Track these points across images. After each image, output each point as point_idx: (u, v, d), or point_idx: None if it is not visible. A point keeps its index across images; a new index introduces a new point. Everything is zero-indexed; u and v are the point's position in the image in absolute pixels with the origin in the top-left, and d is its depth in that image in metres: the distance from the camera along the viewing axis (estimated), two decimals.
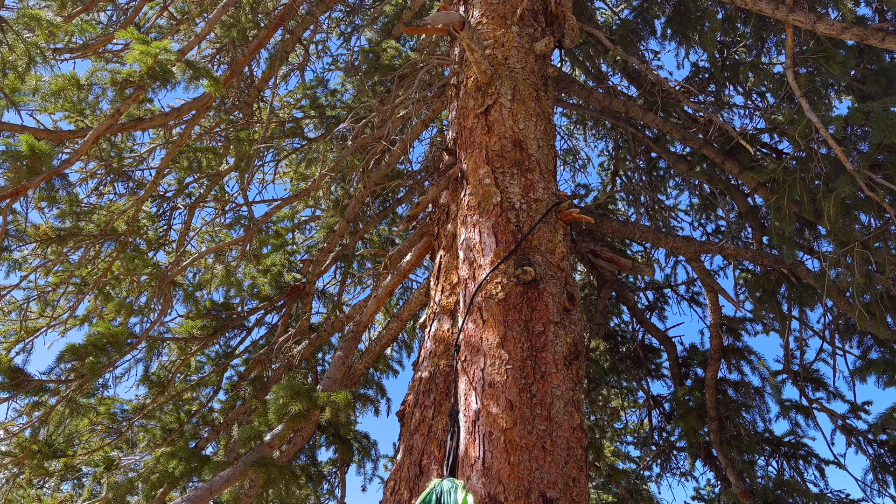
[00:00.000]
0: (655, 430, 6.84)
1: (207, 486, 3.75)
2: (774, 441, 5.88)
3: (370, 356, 5.67)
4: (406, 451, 4.35)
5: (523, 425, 3.43)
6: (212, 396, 6.16)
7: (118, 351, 4.73)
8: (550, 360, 3.63)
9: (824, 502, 5.19)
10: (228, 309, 5.96)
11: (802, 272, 4.68)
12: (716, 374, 5.37)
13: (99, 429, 5.68)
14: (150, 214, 5.99)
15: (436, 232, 5.38)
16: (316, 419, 5.11)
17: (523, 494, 3.26)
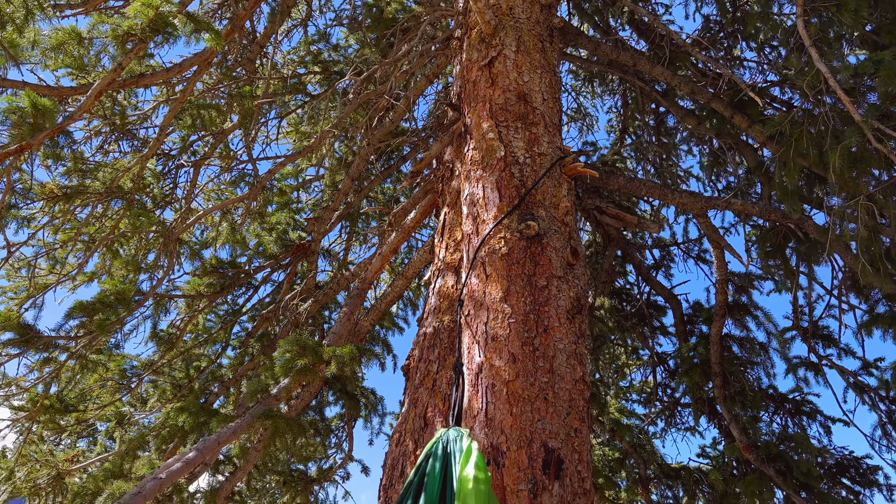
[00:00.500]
0: (660, 387, 6.89)
1: (215, 438, 3.82)
2: (779, 398, 5.90)
3: (375, 313, 5.71)
4: (411, 405, 4.41)
5: (526, 378, 3.46)
6: (220, 353, 6.25)
7: (126, 308, 4.77)
8: (553, 314, 3.64)
9: (828, 456, 5.23)
10: (235, 267, 5.99)
11: (810, 227, 4.64)
12: (721, 330, 5.37)
13: (109, 385, 5.77)
14: (155, 172, 5.98)
15: (440, 189, 5.36)
16: (322, 374, 5.18)
17: (525, 444, 3.30)
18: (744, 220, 6.66)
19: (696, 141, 7.61)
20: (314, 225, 6.31)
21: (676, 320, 6.29)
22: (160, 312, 5.61)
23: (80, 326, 4.60)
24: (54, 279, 5.47)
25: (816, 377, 5.99)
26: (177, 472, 3.56)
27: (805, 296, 6.04)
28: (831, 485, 5.41)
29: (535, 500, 3.16)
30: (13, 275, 5.56)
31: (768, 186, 5.60)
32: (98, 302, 4.60)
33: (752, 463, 5.27)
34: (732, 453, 5.37)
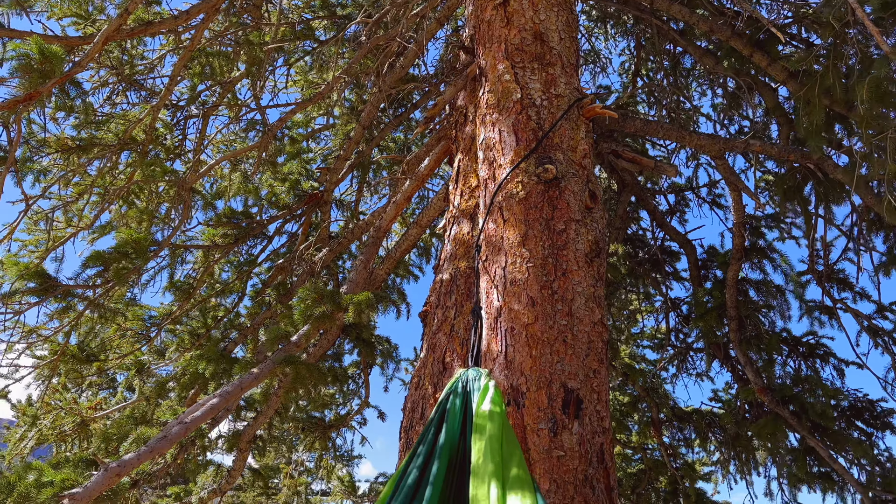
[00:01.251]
0: (672, 332, 6.93)
1: (238, 383, 3.88)
2: (793, 341, 5.93)
3: (391, 262, 5.72)
4: (429, 350, 4.46)
5: (545, 320, 3.47)
6: (237, 303, 6.30)
7: (142, 257, 4.80)
8: (572, 257, 3.63)
9: (841, 398, 5.28)
10: (248, 217, 5.99)
11: (829, 167, 4.57)
12: (737, 273, 5.35)
13: (128, 334, 5.85)
14: (166, 123, 5.93)
15: (454, 135, 5.29)
16: (340, 321, 5.22)
17: (545, 385, 3.34)
18: (757, 165, 6.57)
19: (711, 84, 7.46)
20: (326, 175, 6.27)
21: (690, 265, 6.28)
22: (176, 263, 5.64)
23: (98, 275, 4.64)
24: (72, 231, 5.50)
25: (831, 321, 6.00)
26: (201, 416, 3.63)
27: (820, 239, 6.00)
28: (845, 427, 5.48)
29: (555, 439, 3.21)
30: (32, 228, 5.59)
31: (787, 127, 5.50)
32: (115, 251, 4.63)
33: (767, 405, 5.32)
34: (746, 396, 5.42)
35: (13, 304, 4.79)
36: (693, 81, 7.78)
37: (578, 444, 3.23)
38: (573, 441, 3.22)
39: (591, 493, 3.14)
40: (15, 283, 4.67)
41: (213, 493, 5.89)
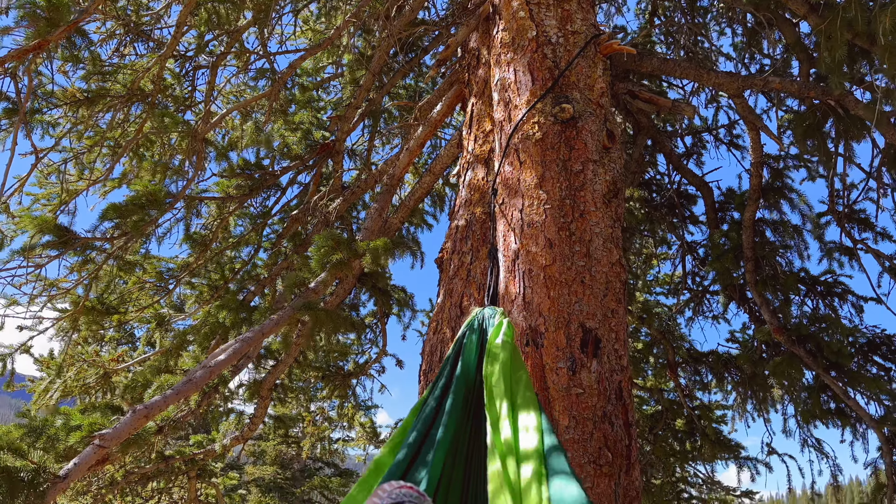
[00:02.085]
0: (689, 276, 6.91)
1: (259, 329, 3.93)
2: (810, 280, 5.89)
3: (405, 210, 5.71)
4: (446, 295, 4.48)
5: (562, 262, 3.46)
6: (253, 255, 6.34)
7: (158, 209, 4.81)
8: (589, 198, 3.59)
9: (859, 335, 5.26)
10: (261, 168, 5.97)
11: (851, 103, 4.45)
12: (754, 214, 5.29)
13: (147, 287, 5.91)
14: (175, 74, 5.86)
15: (466, 79, 5.19)
16: (356, 269, 5.24)
17: (563, 325, 3.35)
18: (777, 104, 6.43)
19: (730, 21, 7.25)
20: (337, 123, 6.21)
21: (707, 208, 6.21)
22: (191, 215, 5.65)
23: (115, 228, 4.66)
24: (84, 185, 5.50)
25: (851, 262, 5.94)
26: (224, 361, 3.69)
27: (840, 179, 5.90)
28: (862, 363, 5.48)
29: (574, 377, 3.24)
30: (44, 182, 5.60)
31: (807, 64, 5.35)
32: (131, 203, 4.64)
33: (783, 344, 5.33)
34: (762, 336, 5.42)
35: (33, 257, 4.83)
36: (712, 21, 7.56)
37: (597, 382, 3.26)
38: (592, 379, 3.25)
39: (609, 428, 3.18)
40: (33, 236, 4.70)
41: (236, 440, 6.04)
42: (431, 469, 1.78)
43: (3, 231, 5.28)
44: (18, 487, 2.92)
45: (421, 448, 1.91)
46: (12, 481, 2.88)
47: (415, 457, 1.86)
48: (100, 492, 5.74)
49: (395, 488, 1.50)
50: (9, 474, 2.88)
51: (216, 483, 6.55)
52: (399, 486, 1.51)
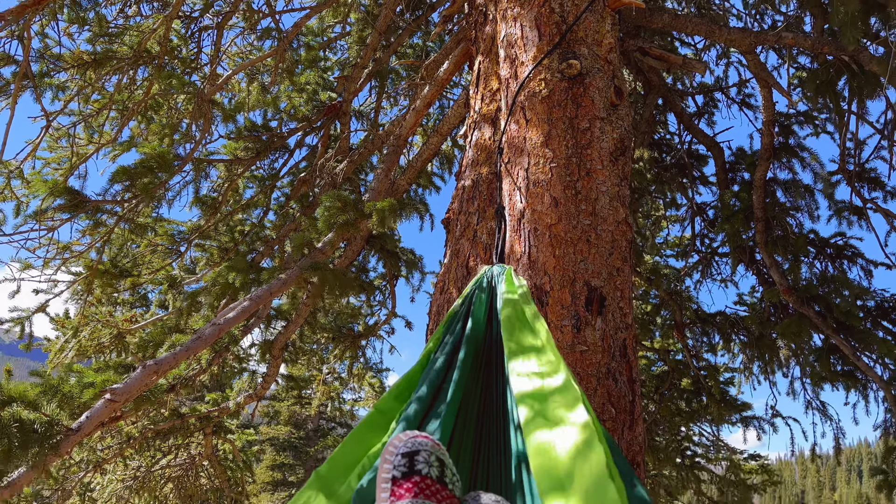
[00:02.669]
0: (698, 238, 6.88)
1: (267, 288, 3.97)
2: (820, 242, 5.85)
3: (412, 172, 5.69)
4: (453, 255, 4.49)
5: (568, 221, 3.46)
6: (262, 217, 6.37)
7: (167, 171, 4.83)
8: (596, 156, 3.57)
9: (868, 298, 5.25)
10: (268, 130, 5.96)
11: (865, 59, 4.36)
12: (765, 174, 5.23)
13: (159, 249, 5.97)
14: (181, 35, 5.82)
15: (473, 36, 5.12)
16: (364, 231, 5.26)
17: (568, 283, 3.37)
18: (790, 61, 6.30)
19: None
20: (344, 84, 6.16)
21: (718, 168, 6.15)
22: (200, 178, 5.67)
23: (125, 190, 4.69)
24: (94, 148, 5.53)
25: (860, 221, 5.89)
26: (233, 319, 3.74)
27: (852, 138, 5.81)
28: (871, 326, 5.47)
29: (579, 335, 3.27)
30: (54, 146, 5.62)
31: (821, 20, 5.23)
32: (140, 166, 4.66)
33: (792, 305, 5.32)
34: (771, 297, 5.41)
35: (46, 220, 4.89)
36: None
37: (601, 339, 3.29)
38: (596, 336, 3.28)
39: (613, 384, 3.21)
40: (45, 200, 4.74)
41: (250, 398, 6.16)
42: (444, 422, 1.81)
43: (17, 195, 5.33)
44: (32, 439, 3.00)
45: (433, 403, 1.93)
46: (25, 433, 2.96)
47: (427, 411, 1.89)
48: (119, 446, 5.90)
49: (410, 437, 1.52)
50: (22, 426, 2.95)
51: (232, 439, 6.71)
52: (415, 435, 1.53)
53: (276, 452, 23.61)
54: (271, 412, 23.81)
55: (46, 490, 7.11)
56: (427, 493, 1.44)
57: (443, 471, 1.50)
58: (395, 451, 1.49)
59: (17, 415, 2.99)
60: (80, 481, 6.87)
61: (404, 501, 1.41)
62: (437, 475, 1.48)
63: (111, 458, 6.50)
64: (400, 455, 1.48)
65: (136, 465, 7.40)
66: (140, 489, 7.55)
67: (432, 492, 1.45)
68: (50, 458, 3.11)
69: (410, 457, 1.48)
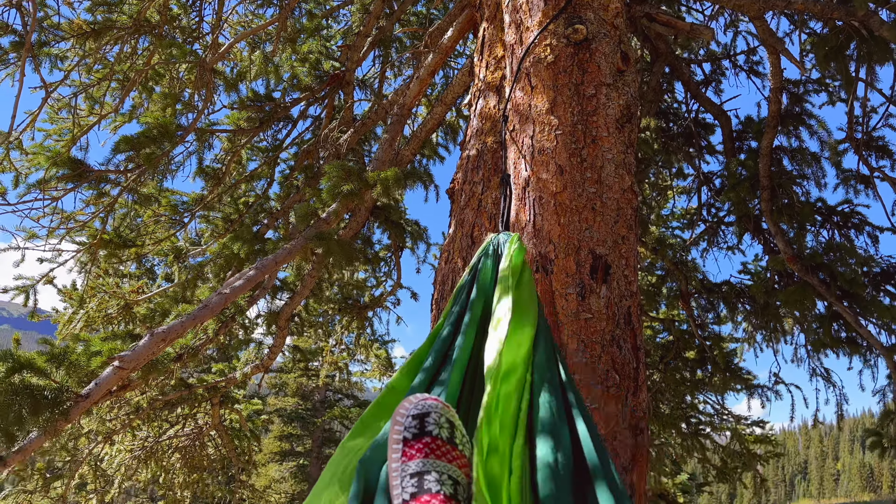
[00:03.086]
0: (704, 207, 6.85)
1: (272, 258, 3.97)
2: (826, 210, 5.82)
3: (416, 142, 5.65)
4: (458, 225, 4.48)
5: (573, 189, 3.44)
6: (266, 188, 6.35)
7: (170, 141, 4.80)
8: (602, 123, 3.53)
9: (873, 265, 5.23)
10: (271, 101, 5.91)
11: (875, 24, 4.28)
12: (772, 142, 5.18)
13: (163, 220, 5.98)
14: (181, 4, 5.75)
15: (477, 2, 5.05)
16: (369, 202, 5.25)
17: (573, 252, 3.36)
18: (800, 26, 6.20)
19: None
20: (347, 53, 6.10)
21: (725, 137, 6.10)
22: (203, 148, 5.65)
23: (129, 160, 4.68)
24: (95, 119, 5.50)
25: (867, 189, 5.85)
26: (239, 288, 3.75)
27: (861, 105, 5.74)
28: (875, 293, 5.46)
29: (583, 303, 3.27)
30: (55, 117, 5.60)
31: None
32: (143, 136, 4.63)
33: (796, 273, 5.31)
34: (775, 265, 5.40)
35: (49, 190, 4.88)
36: None
37: (606, 307, 3.29)
38: (601, 304, 3.28)
39: (617, 351, 3.22)
40: (48, 170, 4.74)
41: (256, 368, 6.21)
42: (451, 385, 1.82)
43: (15, 167, 5.32)
44: (42, 405, 3.03)
45: (439, 370, 1.95)
46: (36, 399, 2.98)
47: (433, 379, 1.90)
48: (127, 417, 5.97)
49: (420, 400, 1.53)
50: (32, 392, 2.98)
51: (239, 409, 6.78)
52: (424, 397, 1.54)
53: (283, 423, 23.90)
54: (278, 384, 24.07)
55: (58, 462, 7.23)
56: (438, 454, 1.45)
57: (453, 432, 1.51)
58: (406, 414, 1.51)
59: (26, 381, 3.02)
60: (91, 452, 6.98)
61: (416, 461, 1.43)
62: (447, 436, 1.49)
63: (119, 429, 6.58)
64: (410, 417, 1.50)
65: (144, 436, 7.50)
66: (148, 459, 7.66)
67: (443, 452, 1.46)
68: (60, 423, 3.14)
69: (421, 418, 1.49)
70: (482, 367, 2.11)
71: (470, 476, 1.50)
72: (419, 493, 1.38)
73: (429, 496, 1.37)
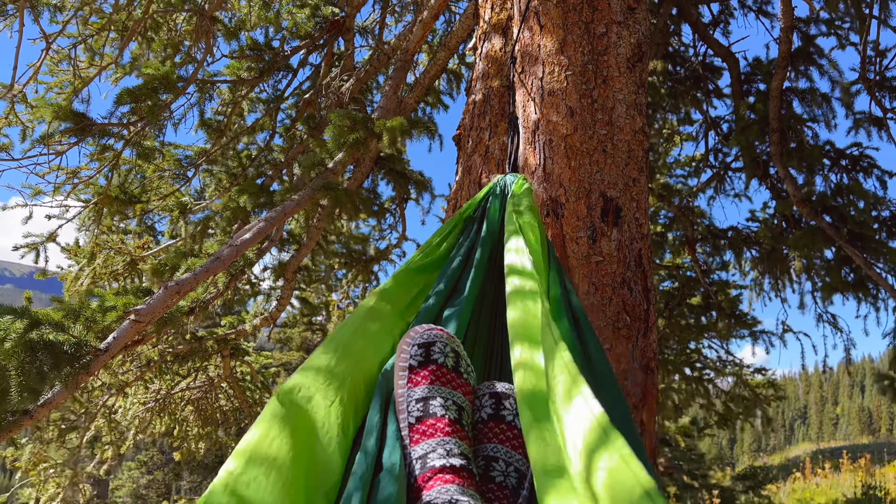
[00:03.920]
0: (711, 153, 6.78)
1: (280, 209, 3.96)
2: (836, 154, 5.77)
3: (420, 89, 5.57)
4: (465, 172, 4.44)
5: (584, 130, 3.40)
6: (268, 140, 6.29)
7: (171, 92, 4.74)
8: (613, 63, 3.47)
9: (882, 208, 5.21)
10: (271, 49, 5.80)
11: None
12: (781, 83, 5.10)
13: (167, 175, 5.94)
14: None
15: None
16: (374, 151, 5.20)
17: (584, 195, 3.34)
18: None
19: None
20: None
21: (733, 80, 6.00)
22: (205, 99, 5.58)
23: (131, 113, 4.62)
24: (95, 71, 5.41)
25: (879, 132, 5.78)
26: (249, 240, 3.75)
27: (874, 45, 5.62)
28: (885, 237, 5.46)
29: (594, 246, 3.27)
30: (55, 69, 5.51)
31: None
32: (144, 87, 4.57)
33: (804, 217, 5.30)
34: (784, 209, 5.38)
35: (53, 145, 4.84)
36: None
37: (617, 250, 3.28)
38: (612, 247, 3.27)
39: (628, 293, 3.23)
40: (51, 123, 4.69)
41: (265, 320, 6.26)
42: (460, 317, 1.85)
43: (21, 121, 5.26)
44: (63, 359, 3.06)
45: (450, 297, 1.98)
46: (56, 354, 3.01)
47: (444, 304, 1.93)
48: (139, 370, 6.05)
49: (426, 329, 1.57)
50: (52, 347, 3.01)
51: (250, 361, 6.87)
52: (430, 327, 1.58)
53: (289, 377, 24.27)
54: (283, 338, 24.35)
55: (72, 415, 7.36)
56: (443, 381, 1.50)
57: (458, 361, 1.56)
58: (412, 343, 1.55)
59: (45, 337, 3.04)
60: (104, 404, 7.10)
61: (421, 387, 1.48)
62: (452, 365, 1.53)
63: (132, 381, 6.67)
64: (416, 346, 1.54)
65: (157, 389, 7.62)
66: (161, 411, 7.79)
67: (448, 379, 1.51)
68: (81, 377, 3.18)
69: (427, 347, 1.53)
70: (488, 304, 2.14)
71: (473, 403, 1.54)
72: (425, 416, 1.44)
73: (434, 419, 1.42)
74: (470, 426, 1.49)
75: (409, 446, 1.40)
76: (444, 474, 1.32)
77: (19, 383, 2.66)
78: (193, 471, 23.22)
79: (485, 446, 1.48)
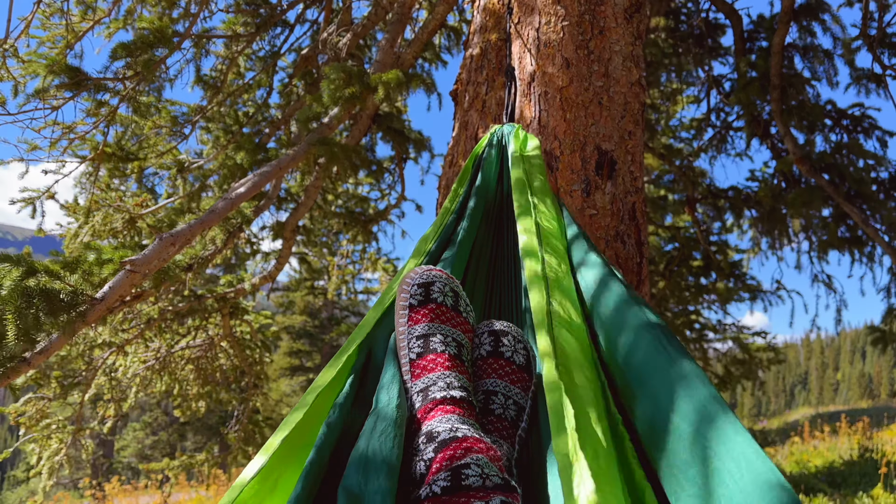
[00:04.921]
0: (713, 112, 6.72)
1: (276, 163, 3.95)
2: (837, 113, 5.71)
3: (418, 44, 5.49)
4: (462, 127, 4.42)
5: (580, 83, 3.37)
6: (265, 98, 6.25)
7: (166, 46, 4.68)
8: (610, 13, 3.42)
9: (882, 166, 5.18)
10: (267, 3, 5.72)
11: None
12: (783, 38, 5.01)
13: (164, 132, 5.91)
14: None
15: None
16: (371, 106, 5.16)
17: (579, 148, 3.33)
18: None
19: None
20: None
21: (736, 37, 5.91)
22: (201, 55, 5.51)
23: (126, 68, 4.57)
24: (88, 25, 5.34)
25: (878, 89, 5.72)
26: (244, 194, 3.75)
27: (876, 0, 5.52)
28: (884, 198, 5.44)
29: (588, 199, 3.27)
30: (47, 23, 5.44)
31: None
32: (139, 41, 4.52)
33: (804, 175, 5.27)
34: (784, 166, 5.36)
35: (49, 100, 4.81)
36: None
37: (611, 203, 3.29)
38: (606, 200, 3.27)
39: (621, 246, 3.25)
40: (45, 78, 4.65)
41: (264, 279, 6.29)
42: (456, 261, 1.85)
43: (13, 76, 5.21)
44: (59, 307, 3.08)
45: (445, 247, 1.98)
46: (52, 302, 3.03)
47: (439, 256, 1.93)
48: (139, 328, 6.10)
49: (425, 270, 1.59)
50: (49, 295, 3.03)
51: (249, 320, 6.92)
52: (429, 268, 1.60)
53: (292, 340, 24.50)
54: (286, 302, 24.53)
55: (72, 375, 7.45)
56: (443, 319, 1.53)
57: (457, 300, 1.58)
58: (411, 283, 1.57)
59: (42, 284, 3.06)
60: (104, 362, 7.18)
61: (421, 325, 1.51)
62: (451, 304, 1.56)
63: (132, 338, 6.74)
64: (416, 285, 1.56)
65: (157, 347, 7.70)
66: (161, 370, 7.88)
67: (448, 317, 1.54)
68: (78, 325, 3.21)
69: (426, 287, 1.55)
70: (486, 251, 2.14)
71: (472, 341, 1.57)
72: (425, 352, 1.47)
73: (434, 355, 1.46)
74: (470, 363, 1.53)
75: (410, 381, 1.44)
76: (445, 405, 1.36)
77: (16, 329, 2.69)
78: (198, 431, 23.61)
79: (484, 381, 1.52)
